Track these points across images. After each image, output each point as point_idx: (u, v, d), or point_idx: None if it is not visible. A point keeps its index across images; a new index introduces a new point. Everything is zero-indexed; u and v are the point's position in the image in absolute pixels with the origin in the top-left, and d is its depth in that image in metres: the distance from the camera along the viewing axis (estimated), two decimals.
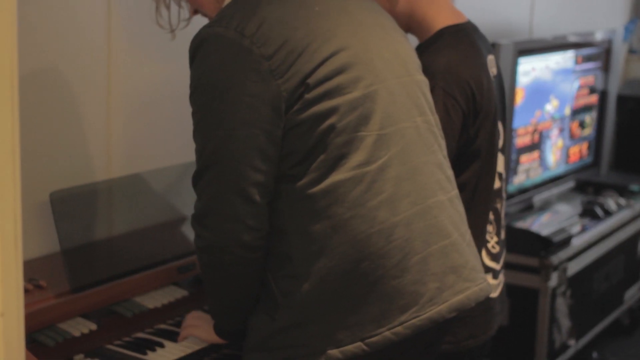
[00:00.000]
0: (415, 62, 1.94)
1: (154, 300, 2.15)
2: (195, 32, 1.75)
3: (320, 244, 1.70)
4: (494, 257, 2.34)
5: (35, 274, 2.06)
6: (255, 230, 1.73)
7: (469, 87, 2.16)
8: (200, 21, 1.88)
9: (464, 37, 2.24)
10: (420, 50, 2.22)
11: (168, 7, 1.99)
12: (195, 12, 1.95)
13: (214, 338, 1.96)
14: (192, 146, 1.82)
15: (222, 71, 1.69)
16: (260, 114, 1.68)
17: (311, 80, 1.69)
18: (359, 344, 1.71)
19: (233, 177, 1.70)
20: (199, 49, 1.72)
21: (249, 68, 1.67)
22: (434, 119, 1.90)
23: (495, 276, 2.34)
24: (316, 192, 1.70)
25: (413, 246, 1.74)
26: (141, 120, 2.47)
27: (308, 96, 1.69)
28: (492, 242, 2.34)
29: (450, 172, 1.90)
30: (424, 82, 1.93)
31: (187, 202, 2.34)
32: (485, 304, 2.26)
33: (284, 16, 1.72)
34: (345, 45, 1.75)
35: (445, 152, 1.91)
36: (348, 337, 1.71)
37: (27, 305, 1.18)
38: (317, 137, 1.70)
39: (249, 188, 1.70)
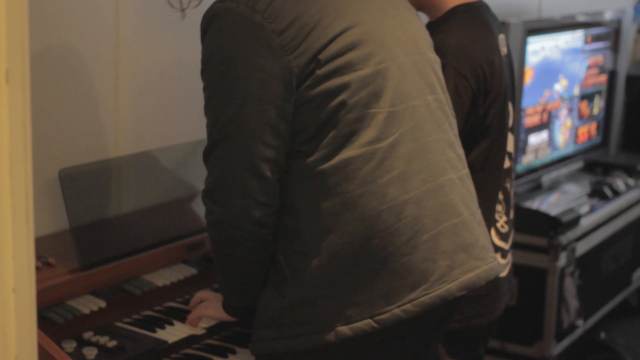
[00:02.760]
0: (427, 40, 1.93)
1: (163, 278, 2.15)
2: (204, 11, 1.74)
3: (330, 221, 1.70)
4: (503, 237, 2.34)
5: (44, 251, 2.06)
6: (265, 206, 1.72)
7: (480, 67, 2.15)
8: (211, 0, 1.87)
9: (475, 15, 2.23)
10: (432, 28, 2.22)
11: None
12: None
13: (224, 315, 1.97)
14: (200, 124, 1.81)
15: (233, 46, 1.68)
16: (271, 90, 1.67)
17: (322, 56, 1.68)
18: (368, 320, 1.71)
19: (244, 152, 1.70)
20: (210, 24, 1.71)
21: (260, 43, 1.66)
22: (445, 98, 1.89)
23: (504, 256, 2.34)
24: (326, 168, 1.70)
25: (423, 224, 1.74)
26: (150, 98, 2.47)
27: (319, 72, 1.68)
28: (502, 221, 2.34)
29: (461, 151, 1.90)
30: (435, 60, 1.92)
31: (196, 179, 2.34)
32: (493, 284, 2.26)
33: None
34: (357, 21, 1.74)
35: (456, 130, 1.91)
36: (357, 314, 1.71)
37: (36, 282, 1.18)
38: (328, 113, 1.69)
39: (259, 163, 1.70)
